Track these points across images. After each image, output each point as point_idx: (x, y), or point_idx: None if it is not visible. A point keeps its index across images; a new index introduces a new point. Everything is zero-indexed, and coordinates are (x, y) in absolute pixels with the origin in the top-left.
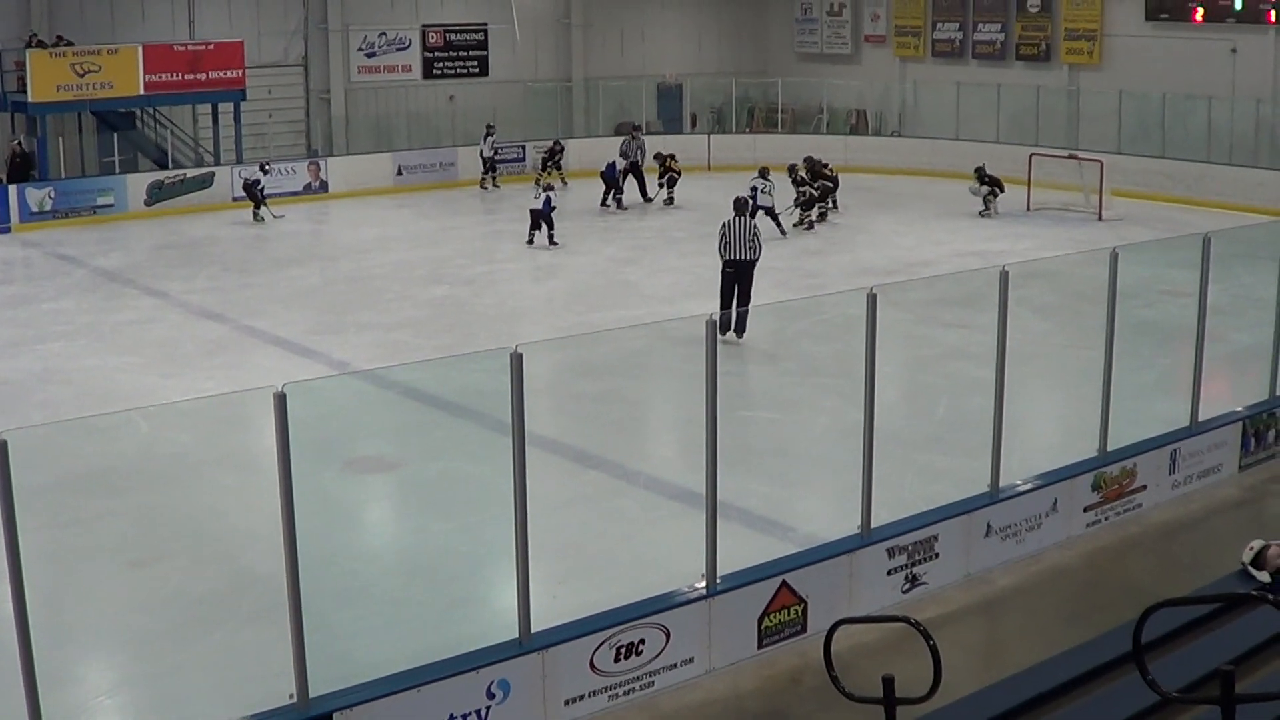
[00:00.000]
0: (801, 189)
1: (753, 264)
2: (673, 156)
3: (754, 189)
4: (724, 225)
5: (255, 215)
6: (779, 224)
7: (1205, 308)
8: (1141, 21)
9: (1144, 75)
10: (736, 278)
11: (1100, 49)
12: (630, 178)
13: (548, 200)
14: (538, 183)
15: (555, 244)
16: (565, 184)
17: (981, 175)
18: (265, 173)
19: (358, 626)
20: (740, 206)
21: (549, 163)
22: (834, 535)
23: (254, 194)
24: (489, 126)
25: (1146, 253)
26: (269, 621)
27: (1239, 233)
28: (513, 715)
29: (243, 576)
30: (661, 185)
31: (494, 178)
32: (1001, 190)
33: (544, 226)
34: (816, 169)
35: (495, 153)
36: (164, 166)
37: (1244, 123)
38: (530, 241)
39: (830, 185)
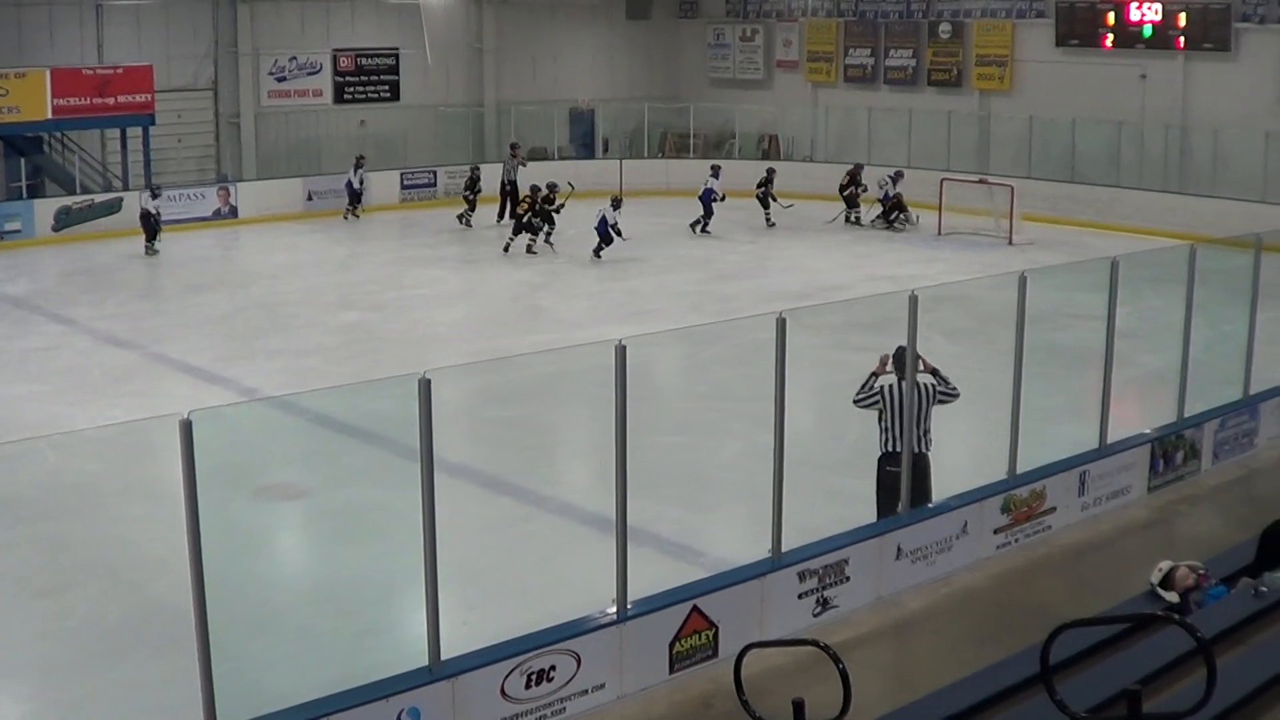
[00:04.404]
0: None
1: (927, 460)
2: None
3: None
4: (886, 393)
5: (149, 248)
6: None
7: (1113, 331)
8: (1052, 47)
9: (1054, 100)
10: (900, 481)
11: (1011, 74)
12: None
13: (603, 220)
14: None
15: (599, 257)
16: (467, 223)
17: (855, 176)
18: (156, 196)
19: (267, 655)
20: (905, 362)
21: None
22: (745, 559)
23: (149, 225)
24: (359, 157)
25: (1056, 276)
26: (178, 651)
27: (1147, 256)
28: None
29: (151, 606)
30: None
31: (355, 209)
32: (903, 210)
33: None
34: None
35: (363, 184)
36: (72, 192)
37: (1153, 147)
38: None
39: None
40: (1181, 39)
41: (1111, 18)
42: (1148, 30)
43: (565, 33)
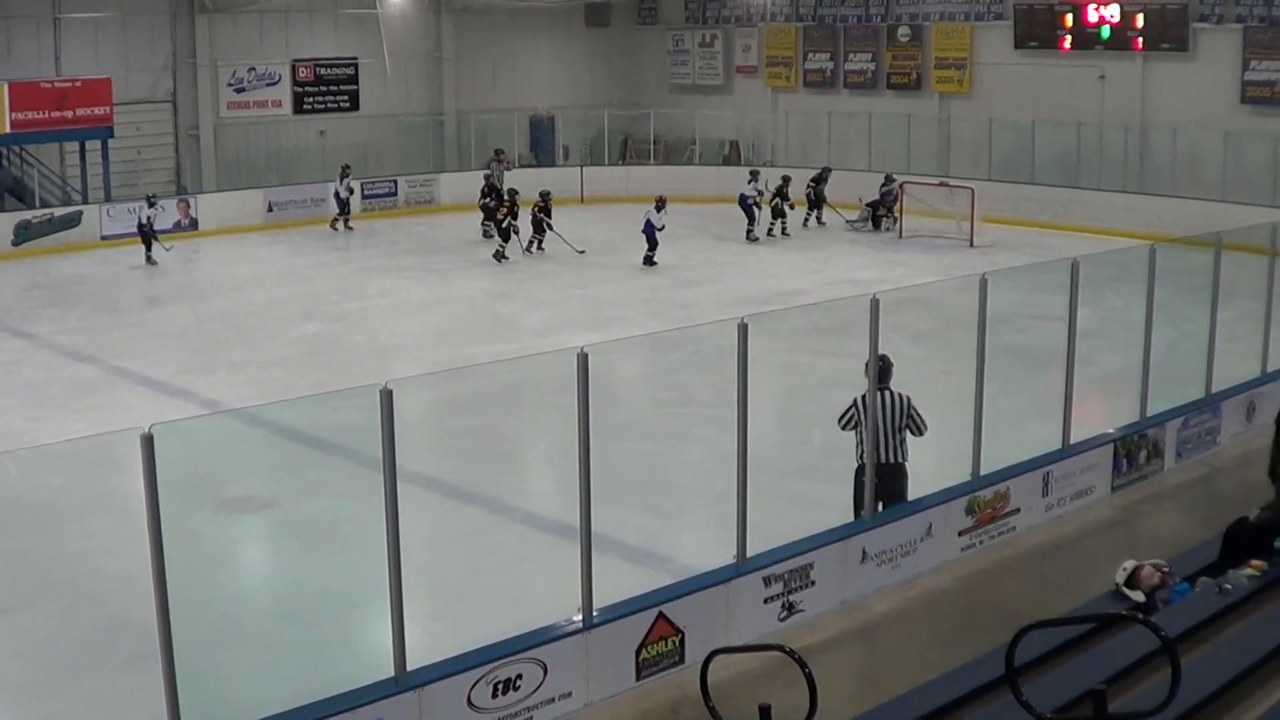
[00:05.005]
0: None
1: (904, 470)
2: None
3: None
4: (859, 404)
5: (148, 258)
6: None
7: (1075, 331)
8: (1010, 50)
9: (1013, 103)
10: (878, 493)
11: (970, 77)
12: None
13: (648, 223)
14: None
15: (653, 263)
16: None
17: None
18: (152, 205)
19: (233, 669)
20: (884, 372)
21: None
22: (710, 565)
23: (146, 234)
24: (344, 167)
25: (1017, 278)
26: (143, 667)
27: (1107, 256)
28: None
29: (115, 621)
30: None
31: (345, 219)
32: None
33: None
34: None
35: (351, 193)
36: (31, 206)
37: (1112, 148)
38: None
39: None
40: (1139, 40)
41: (1070, 19)
42: (1106, 31)
43: (524, 41)
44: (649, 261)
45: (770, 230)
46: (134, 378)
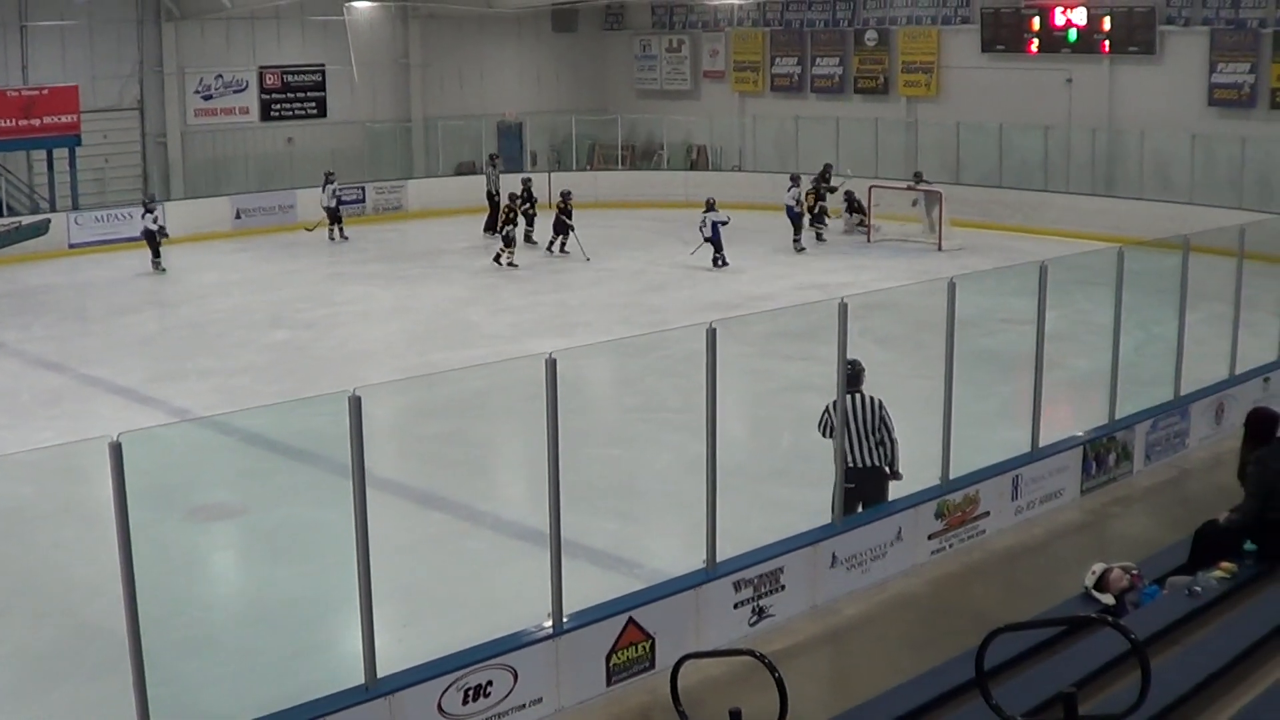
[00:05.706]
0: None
1: (884, 473)
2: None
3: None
4: (831, 409)
5: (155, 264)
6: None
7: (1043, 334)
8: (977, 53)
9: (981, 106)
10: (858, 496)
11: (937, 81)
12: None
13: (715, 226)
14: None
15: (726, 264)
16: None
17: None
18: (150, 211)
19: (203, 677)
20: (856, 376)
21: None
22: (680, 570)
23: (154, 241)
24: (328, 174)
25: (985, 281)
26: (113, 675)
27: (1076, 259)
28: None
29: (85, 630)
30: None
31: (340, 228)
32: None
33: (714, 249)
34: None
35: (337, 201)
36: None
37: (1080, 151)
38: (715, 263)
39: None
40: (1106, 43)
41: (1036, 23)
42: (1072, 35)
43: (491, 46)
44: (722, 263)
45: (818, 236)
46: (102, 386)
